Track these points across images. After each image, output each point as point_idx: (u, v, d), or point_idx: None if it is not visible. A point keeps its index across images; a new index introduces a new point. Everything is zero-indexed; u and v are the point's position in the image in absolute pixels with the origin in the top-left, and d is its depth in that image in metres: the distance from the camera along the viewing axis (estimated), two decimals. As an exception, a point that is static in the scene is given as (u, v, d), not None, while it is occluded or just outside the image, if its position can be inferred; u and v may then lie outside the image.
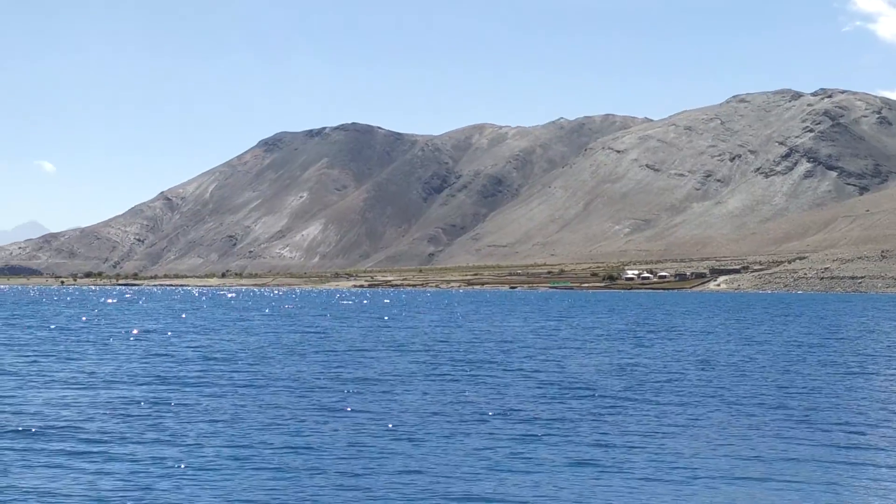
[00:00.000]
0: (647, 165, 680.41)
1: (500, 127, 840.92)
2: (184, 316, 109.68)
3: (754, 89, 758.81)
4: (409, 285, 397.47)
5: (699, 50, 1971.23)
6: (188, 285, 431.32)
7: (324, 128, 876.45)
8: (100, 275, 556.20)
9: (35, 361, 48.58)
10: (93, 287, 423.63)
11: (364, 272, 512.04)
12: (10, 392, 36.22)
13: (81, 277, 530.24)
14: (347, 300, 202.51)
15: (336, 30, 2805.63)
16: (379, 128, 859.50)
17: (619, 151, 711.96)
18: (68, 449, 25.44)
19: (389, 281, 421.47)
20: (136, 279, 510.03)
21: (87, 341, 64.01)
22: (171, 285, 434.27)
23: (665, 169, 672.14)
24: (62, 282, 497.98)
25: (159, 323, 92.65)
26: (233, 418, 30.49)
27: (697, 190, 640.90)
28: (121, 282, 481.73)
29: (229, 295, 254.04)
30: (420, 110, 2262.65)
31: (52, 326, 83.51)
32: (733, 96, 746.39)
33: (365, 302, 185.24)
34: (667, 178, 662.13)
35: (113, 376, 42.06)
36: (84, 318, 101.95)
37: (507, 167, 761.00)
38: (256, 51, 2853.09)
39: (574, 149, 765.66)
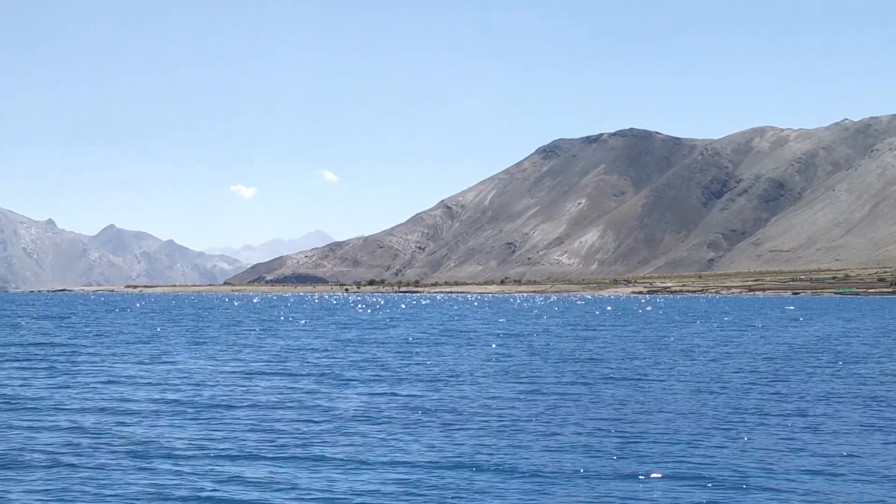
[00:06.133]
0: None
1: (782, 129, 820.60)
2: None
3: None
4: (688, 292, 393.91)
5: None
6: (469, 292, 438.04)
7: (601, 134, 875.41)
8: (382, 282, 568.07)
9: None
10: (387, 294, 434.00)
11: (643, 278, 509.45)
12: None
13: (365, 285, 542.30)
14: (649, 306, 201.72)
15: (612, 36, 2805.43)
16: (657, 133, 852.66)
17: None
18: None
19: (668, 287, 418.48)
20: (417, 287, 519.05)
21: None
22: (453, 292, 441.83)
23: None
24: (346, 290, 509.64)
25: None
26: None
27: None
28: (402, 289, 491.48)
29: (579, 303, 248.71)
30: (698, 114, 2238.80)
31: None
32: None
33: (650, 311, 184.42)
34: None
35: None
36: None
37: (789, 171, 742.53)
38: (534, 59, 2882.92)
39: (859, 150, 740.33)
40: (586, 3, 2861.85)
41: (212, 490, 20.98)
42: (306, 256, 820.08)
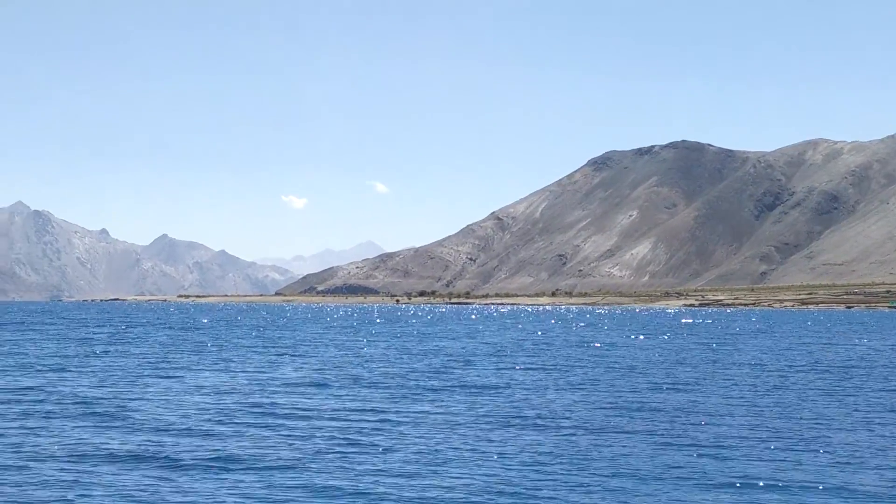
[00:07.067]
0: None
1: (835, 142, 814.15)
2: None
3: None
4: (740, 305, 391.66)
5: None
6: (520, 304, 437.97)
7: (653, 146, 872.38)
8: (433, 294, 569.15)
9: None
10: (445, 306, 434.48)
11: (694, 291, 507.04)
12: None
13: (415, 296, 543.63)
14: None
15: (665, 47, 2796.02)
16: (709, 145, 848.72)
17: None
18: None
19: (720, 300, 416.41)
20: (468, 298, 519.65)
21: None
22: (503, 304, 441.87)
23: None
24: (397, 300, 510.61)
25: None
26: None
27: None
28: (453, 300, 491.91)
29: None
30: (751, 126, 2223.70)
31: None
32: None
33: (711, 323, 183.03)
34: None
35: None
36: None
37: (843, 183, 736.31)
38: (586, 71, 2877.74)
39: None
40: (639, 15, 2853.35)
41: (288, 496, 21.72)
42: (357, 267, 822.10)
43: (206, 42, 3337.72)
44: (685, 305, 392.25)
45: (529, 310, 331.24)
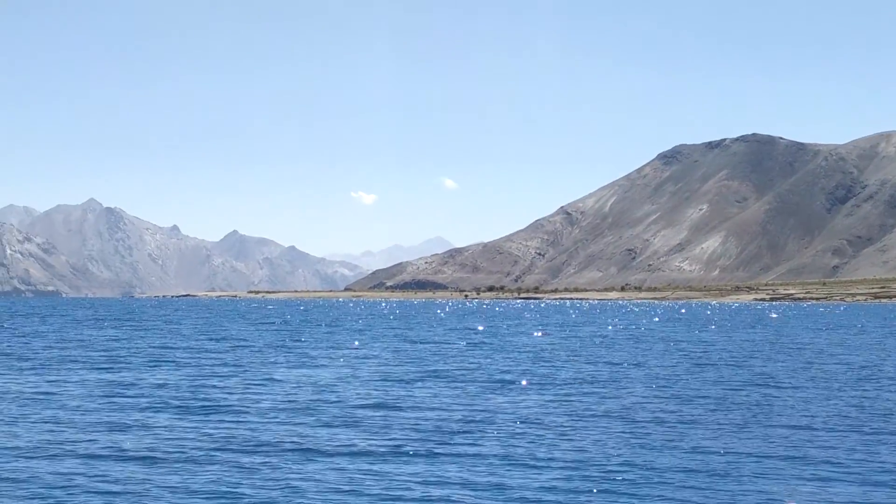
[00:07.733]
0: None
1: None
2: None
3: None
4: (811, 299, 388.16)
5: None
6: (589, 299, 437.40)
7: (723, 139, 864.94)
8: (502, 289, 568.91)
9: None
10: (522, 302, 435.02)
11: (765, 285, 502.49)
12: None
13: (484, 291, 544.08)
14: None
15: (734, 40, 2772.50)
16: (780, 138, 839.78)
17: None
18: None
19: (791, 294, 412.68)
20: (537, 293, 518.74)
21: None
22: (573, 298, 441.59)
23: None
24: (466, 295, 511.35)
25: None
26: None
27: None
28: (522, 295, 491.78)
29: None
30: (822, 119, 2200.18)
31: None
32: None
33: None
34: None
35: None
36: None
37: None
38: (655, 64, 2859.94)
39: None
40: (708, 8, 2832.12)
41: (367, 484, 22.36)
42: (426, 262, 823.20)
43: (275, 39, 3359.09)
44: (756, 299, 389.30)
45: (609, 304, 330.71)
